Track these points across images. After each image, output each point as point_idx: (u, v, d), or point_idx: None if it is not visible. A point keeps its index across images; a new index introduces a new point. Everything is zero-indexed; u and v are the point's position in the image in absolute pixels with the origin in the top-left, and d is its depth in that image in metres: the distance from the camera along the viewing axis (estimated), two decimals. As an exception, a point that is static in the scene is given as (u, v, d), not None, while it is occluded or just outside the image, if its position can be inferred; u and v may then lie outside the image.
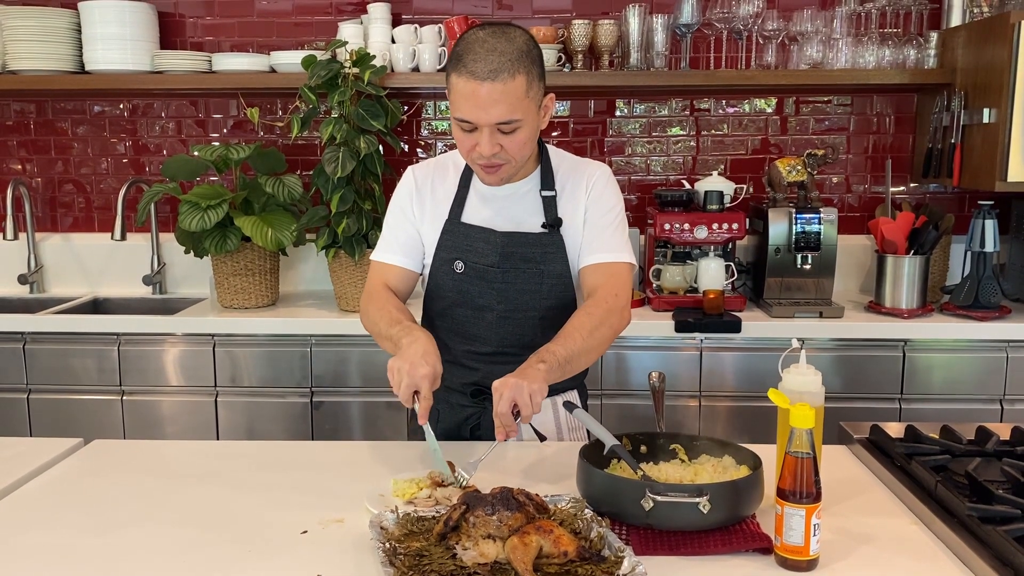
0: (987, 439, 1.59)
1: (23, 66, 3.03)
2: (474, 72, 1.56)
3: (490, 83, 1.55)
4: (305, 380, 2.81)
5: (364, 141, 2.79)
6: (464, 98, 1.58)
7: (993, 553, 1.20)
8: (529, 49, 1.61)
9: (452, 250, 1.77)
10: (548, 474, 1.56)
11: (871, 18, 3.05)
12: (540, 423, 1.81)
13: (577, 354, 1.59)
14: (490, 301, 1.75)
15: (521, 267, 1.74)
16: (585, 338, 1.61)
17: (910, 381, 2.73)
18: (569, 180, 1.78)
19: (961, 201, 3.27)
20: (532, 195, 1.77)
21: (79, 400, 2.85)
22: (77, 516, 1.42)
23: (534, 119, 1.64)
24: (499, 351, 1.76)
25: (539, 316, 1.76)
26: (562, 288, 1.77)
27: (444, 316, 1.81)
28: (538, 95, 1.64)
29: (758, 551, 1.27)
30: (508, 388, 1.46)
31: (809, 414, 1.21)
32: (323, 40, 3.21)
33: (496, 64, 1.55)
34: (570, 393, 1.87)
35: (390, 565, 1.16)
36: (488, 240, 1.74)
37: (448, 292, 1.78)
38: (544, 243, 1.74)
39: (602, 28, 2.99)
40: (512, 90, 1.57)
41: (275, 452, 1.76)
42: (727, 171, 3.28)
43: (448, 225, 1.78)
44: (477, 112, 1.58)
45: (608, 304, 1.67)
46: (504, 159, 1.64)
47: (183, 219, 2.80)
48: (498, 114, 1.57)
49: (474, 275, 1.75)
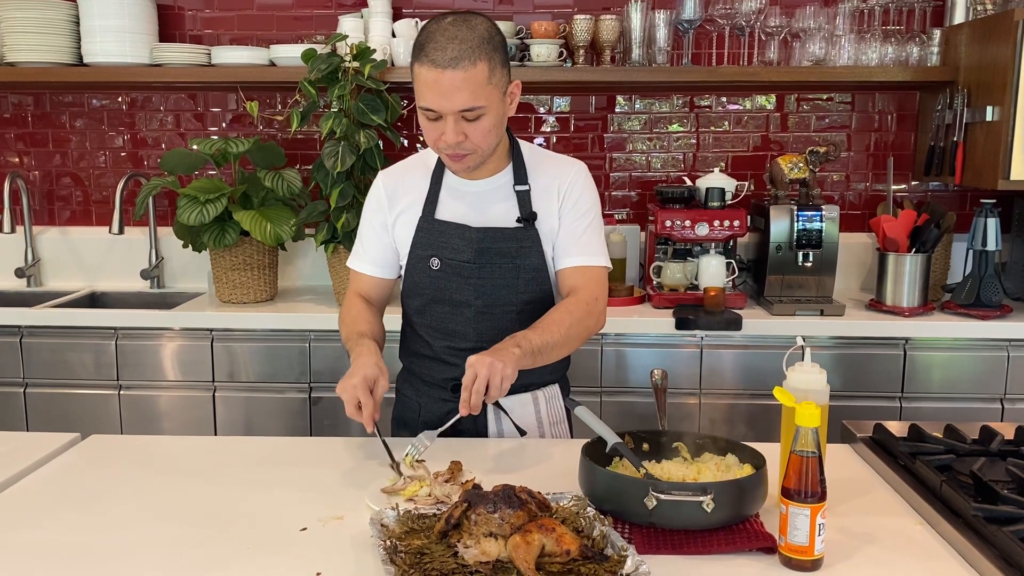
0: (991, 439, 1.58)
1: (21, 58, 3.01)
2: (435, 60, 1.57)
3: (451, 71, 1.57)
4: (304, 376, 2.80)
5: (364, 136, 2.78)
6: (427, 87, 1.60)
7: (999, 553, 1.19)
8: (491, 36, 1.62)
9: (427, 247, 1.78)
10: (550, 472, 1.55)
11: (874, 15, 3.04)
12: (520, 418, 1.81)
13: (551, 346, 1.65)
14: (467, 297, 1.76)
15: (497, 262, 1.75)
16: (562, 332, 1.67)
17: (911, 380, 2.72)
18: (542, 175, 1.79)
19: (963, 199, 3.26)
20: (506, 190, 1.78)
21: (76, 394, 2.84)
22: (74, 512, 1.41)
23: (499, 106, 1.66)
24: (478, 346, 1.75)
25: (517, 310, 1.77)
26: (539, 282, 1.78)
27: (422, 313, 1.82)
28: (502, 82, 1.65)
29: (762, 551, 1.26)
30: (484, 367, 1.50)
31: (815, 413, 1.20)
32: (323, 34, 3.19)
33: (457, 52, 1.57)
34: (550, 388, 1.87)
35: (391, 563, 1.15)
36: (463, 236, 1.75)
37: (425, 289, 1.79)
38: (519, 237, 1.75)
39: (604, 23, 2.98)
40: (474, 77, 1.58)
41: (274, 448, 1.74)
42: (728, 168, 3.27)
43: (422, 223, 1.79)
44: (440, 100, 1.59)
45: (588, 307, 1.73)
46: (470, 148, 1.66)
47: (181, 213, 2.79)
48: (461, 101, 1.59)
49: (450, 271, 1.76)
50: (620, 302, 2.91)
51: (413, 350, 1.88)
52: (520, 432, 1.80)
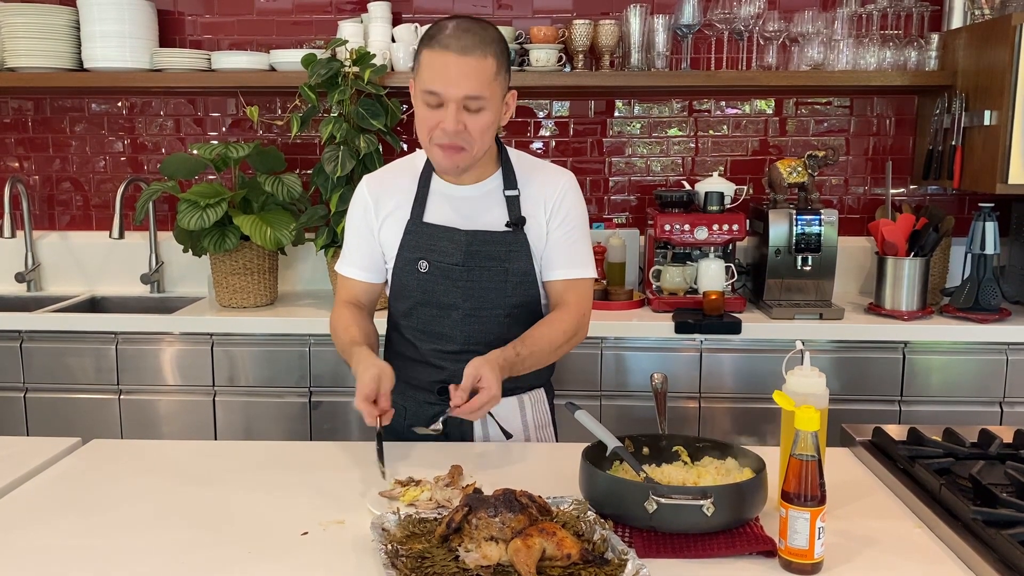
0: (990, 442, 1.59)
1: (21, 63, 3.02)
2: (448, 46, 1.60)
3: (464, 57, 1.59)
4: (303, 380, 2.80)
5: (364, 140, 2.78)
6: (435, 71, 1.61)
7: (998, 557, 1.19)
8: (501, 40, 1.67)
9: (416, 250, 1.78)
10: (550, 476, 1.55)
11: (872, 20, 3.05)
12: (506, 421, 1.81)
13: (534, 363, 1.72)
14: (455, 300, 1.76)
15: (486, 265, 1.75)
16: (548, 354, 1.74)
17: (910, 383, 2.73)
18: (531, 182, 1.80)
19: (961, 203, 3.27)
20: (495, 195, 1.79)
21: (76, 399, 2.84)
22: (75, 516, 1.41)
23: (497, 107, 1.68)
24: (465, 349, 1.76)
25: (504, 314, 1.78)
26: (527, 286, 1.78)
27: (410, 316, 1.82)
28: (503, 84, 1.68)
29: (762, 554, 1.26)
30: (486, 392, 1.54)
31: (815, 417, 1.21)
32: (323, 39, 3.20)
33: (470, 42, 1.60)
34: (536, 392, 1.89)
35: (392, 567, 1.16)
36: (452, 239, 1.75)
37: (413, 292, 1.79)
38: (508, 241, 1.76)
39: (603, 28, 2.99)
40: (483, 68, 1.61)
41: (274, 452, 1.75)
42: (727, 172, 3.27)
43: (411, 225, 1.79)
44: (447, 85, 1.60)
45: (578, 322, 1.78)
46: (466, 141, 1.66)
47: (182, 218, 2.79)
48: (468, 87, 1.60)
49: (439, 274, 1.76)
50: (619, 306, 2.91)
51: (399, 353, 1.88)
52: (506, 435, 1.80)
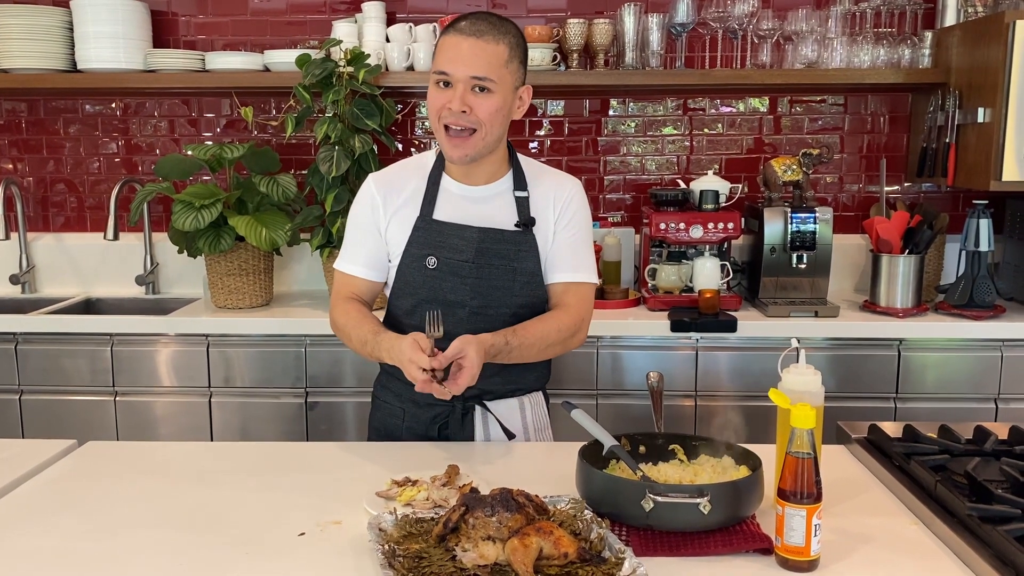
0: (985, 439, 1.59)
1: (14, 64, 3.01)
2: (462, 29, 1.67)
3: (474, 39, 1.66)
4: (299, 381, 2.80)
5: (359, 140, 2.78)
6: (447, 52, 1.68)
7: (993, 553, 1.20)
8: (518, 35, 1.74)
9: (425, 246, 1.78)
10: (547, 475, 1.55)
11: (866, 18, 3.05)
12: (507, 421, 1.82)
13: (520, 356, 1.71)
14: (463, 297, 1.76)
15: (495, 263, 1.76)
16: (538, 349, 1.73)
17: (905, 380, 2.73)
18: (540, 185, 1.83)
19: (955, 200, 3.28)
20: (506, 196, 1.81)
21: (72, 401, 2.83)
22: (72, 519, 1.41)
23: (508, 95, 1.71)
24: None
25: (510, 313, 1.78)
26: (533, 287, 1.80)
27: (412, 313, 1.80)
28: (516, 75, 1.72)
29: (759, 552, 1.26)
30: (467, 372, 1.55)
31: (810, 414, 1.21)
32: (317, 39, 3.20)
33: (485, 27, 1.67)
34: (535, 395, 1.90)
35: (389, 567, 1.16)
36: (463, 236, 1.76)
37: (419, 289, 1.79)
38: (518, 241, 1.78)
39: (597, 27, 2.99)
40: (494, 52, 1.66)
41: (271, 453, 1.74)
42: (722, 170, 3.28)
43: (420, 222, 1.79)
44: (456, 64, 1.66)
45: (575, 323, 1.78)
46: (473, 122, 1.68)
47: (176, 219, 2.78)
48: (475, 67, 1.65)
49: (447, 271, 1.76)
50: (615, 305, 2.91)
51: None
52: (508, 435, 1.80)
